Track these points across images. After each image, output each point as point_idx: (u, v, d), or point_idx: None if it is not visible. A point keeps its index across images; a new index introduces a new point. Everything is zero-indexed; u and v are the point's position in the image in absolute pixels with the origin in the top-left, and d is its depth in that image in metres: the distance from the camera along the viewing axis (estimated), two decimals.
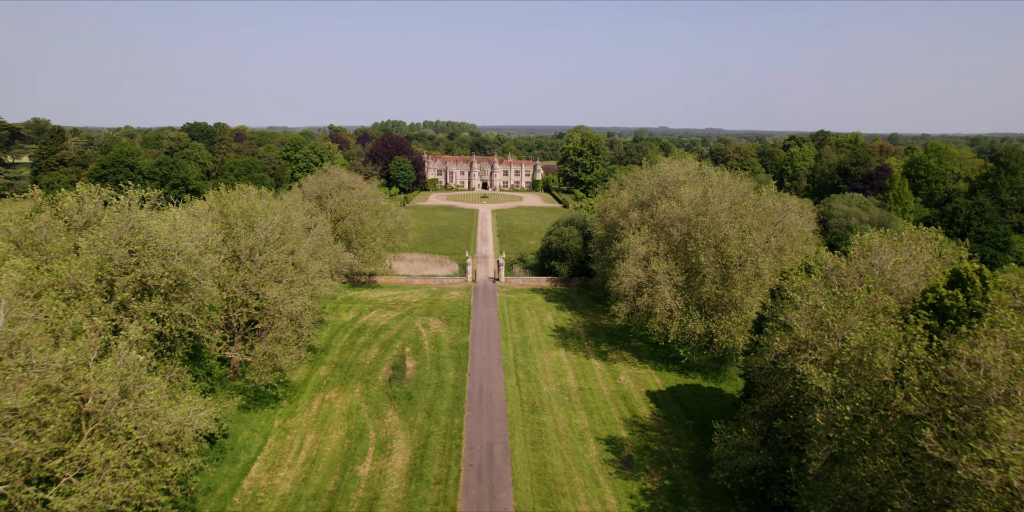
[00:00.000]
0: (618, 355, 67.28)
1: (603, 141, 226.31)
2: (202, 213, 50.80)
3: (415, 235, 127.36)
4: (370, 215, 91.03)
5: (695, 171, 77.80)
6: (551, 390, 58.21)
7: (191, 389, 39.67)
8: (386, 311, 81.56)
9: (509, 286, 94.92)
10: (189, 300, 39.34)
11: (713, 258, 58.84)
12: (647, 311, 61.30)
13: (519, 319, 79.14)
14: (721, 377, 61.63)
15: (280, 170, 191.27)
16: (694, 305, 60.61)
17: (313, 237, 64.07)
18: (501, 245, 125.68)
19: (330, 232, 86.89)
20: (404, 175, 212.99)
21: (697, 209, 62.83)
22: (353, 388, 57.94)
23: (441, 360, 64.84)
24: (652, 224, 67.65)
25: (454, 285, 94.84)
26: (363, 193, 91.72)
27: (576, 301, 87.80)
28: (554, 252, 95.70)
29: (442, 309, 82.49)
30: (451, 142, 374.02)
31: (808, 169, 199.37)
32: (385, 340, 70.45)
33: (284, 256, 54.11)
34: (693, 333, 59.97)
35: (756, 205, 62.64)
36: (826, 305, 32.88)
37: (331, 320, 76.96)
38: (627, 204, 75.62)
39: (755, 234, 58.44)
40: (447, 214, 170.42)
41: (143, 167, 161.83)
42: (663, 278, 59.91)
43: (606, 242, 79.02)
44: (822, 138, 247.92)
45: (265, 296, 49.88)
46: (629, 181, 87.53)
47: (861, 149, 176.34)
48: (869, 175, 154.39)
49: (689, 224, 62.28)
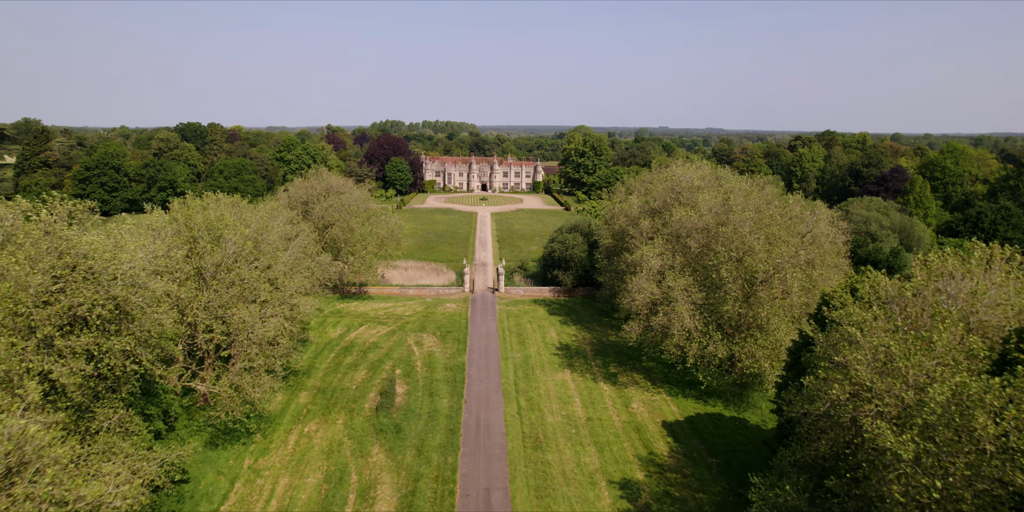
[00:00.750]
0: (629, 377, 61.35)
1: (605, 141, 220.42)
2: (162, 226, 44.90)
3: (410, 241, 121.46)
4: (360, 222, 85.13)
5: (710, 175, 71.86)
6: (556, 420, 52.28)
7: (136, 437, 33.78)
8: (376, 326, 75.62)
9: (509, 297, 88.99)
10: (133, 331, 33.40)
11: (736, 273, 52.95)
12: (662, 331, 55.39)
13: (520, 335, 73.21)
14: (744, 405, 55.70)
15: (273, 171, 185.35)
16: (714, 325, 54.69)
17: (294, 249, 58.13)
18: (501, 251, 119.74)
19: (316, 241, 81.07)
20: (401, 177, 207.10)
21: (717, 218, 56.93)
22: (336, 419, 52.00)
23: (435, 384, 58.91)
24: (666, 234, 61.71)
25: (450, 296, 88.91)
26: (353, 198, 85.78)
27: (581, 314, 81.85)
28: (557, 261, 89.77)
29: (437, 324, 76.55)
30: (450, 142, 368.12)
31: (817, 170, 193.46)
32: (374, 360, 64.51)
33: (257, 273, 48.18)
34: (714, 356, 54.06)
35: (782, 214, 56.73)
36: (896, 345, 26.96)
37: (315, 338, 71.00)
38: (637, 211, 69.68)
39: (783, 246, 52.54)
40: (445, 217, 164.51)
41: (129, 169, 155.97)
42: (680, 295, 53.99)
43: (614, 252, 73.11)
44: (829, 138, 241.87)
45: (232, 320, 43.93)
46: (638, 186, 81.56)
47: (873, 150, 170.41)
48: (883, 177, 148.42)
49: (708, 235, 56.36)
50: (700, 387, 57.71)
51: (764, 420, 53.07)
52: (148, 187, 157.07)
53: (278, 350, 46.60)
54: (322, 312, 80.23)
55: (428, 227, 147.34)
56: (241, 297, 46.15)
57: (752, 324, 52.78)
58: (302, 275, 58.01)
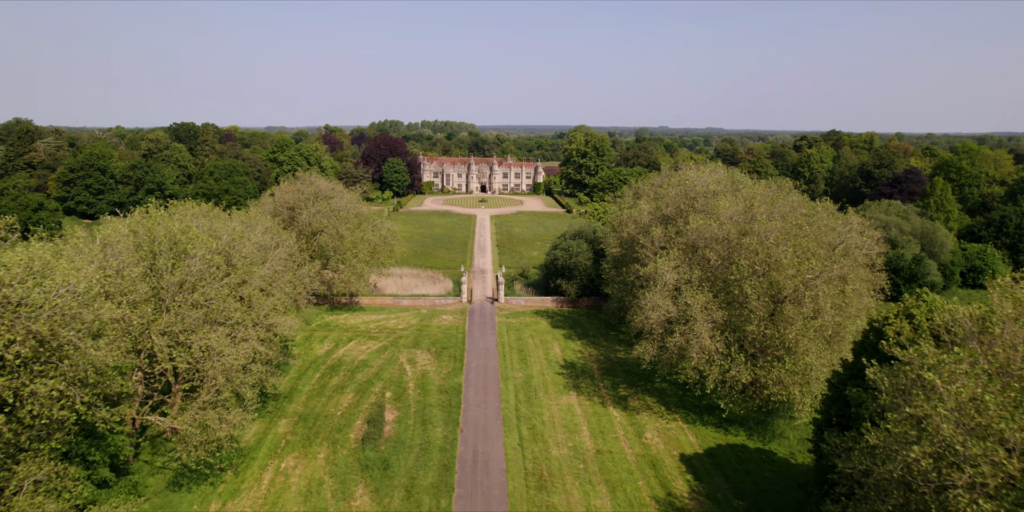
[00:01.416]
0: (641, 401, 56.10)
1: (607, 142, 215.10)
2: (116, 240, 39.58)
3: (404, 247, 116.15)
4: (350, 228, 79.84)
5: (726, 180, 66.64)
6: (562, 454, 47.01)
7: (69, 494, 28.49)
8: (367, 341, 70.32)
9: (509, 308, 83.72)
10: (65, 371, 28.13)
11: (761, 289, 47.70)
12: (679, 353, 50.12)
13: (521, 351, 67.93)
14: (769, 434, 50.41)
15: (266, 173, 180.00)
16: (736, 346, 49.43)
17: (272, 262, 52.84)
18: (500, 257, 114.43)
19: (303, 249, 75.84)
20: (398, 178, 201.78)
21: (739, 227, 51.68)
22: (317, 452, 46.72)
23: (428, 410, 53.64)
24: (681, 244, 56.45)
25: (447, 307, 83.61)
26: (342, 203, 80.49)
27: (586, 327, 76.57)
28: (560, 269, 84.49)
29: (432, 338, 71.26)
30: (449, 143, 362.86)
31: (826, 171, 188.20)
32: (362, 381, 59.24)
33: (227, 291, 42.89)
34: (736, 381, 48.79)
35: (810, 222, 51.49)
36: (991, 398, 21.73)
37: (300, 355, 65.71)
38: (648, 218, 64.43)
39: (812, 260, 47.31)
40: (442, 221, 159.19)
41: (115, 171, 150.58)
42: (699, 314, 48.72)
43: (623, 262, 67.85)
44: (836, 138, 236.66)
45: (196, 346, 38.63)
46: (647, 190, 76.31)
47: (884, 150, 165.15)
48: (896, 178, 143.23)
49: (729, 246, 51.09)
50: (720, 413, 52.48)
51: (792, 453, 47.81)
52: (135, 189, 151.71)
53: (250, 378, 41.30)
54: (309, 325, 75.00)
55: (425, 231, 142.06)
56: (208, 319, 40.85)
57: (779, 345, 47.52)
58: (282, 291, 52.76)
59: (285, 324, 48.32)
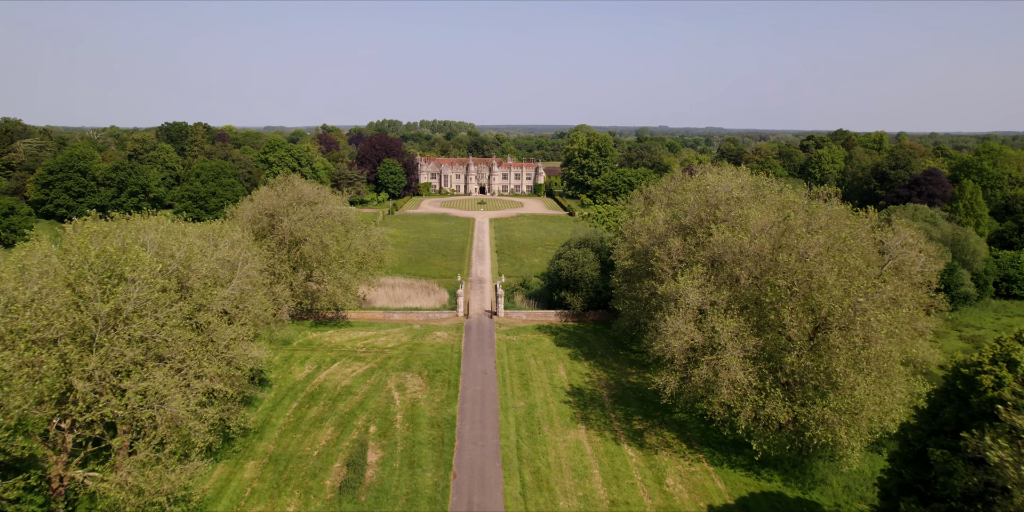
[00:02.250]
0: (658, 437, 49.55)
1: (610, 142, 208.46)
2: (34, 264, 33.03)
3: (398, 254, 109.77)
4: (337, 237, 73.25)
5: (749, 184, 60.14)
6: (572, 507, 40.45)
7: None
8: (352, 362, 63.75)
9: (509, 323, 77.14)
10: None
11: (801, 314, 41.16)
12: (705, 386, 43.54)
13: (523, 375, 61.37)
14: (809, 480, 43.84)
15: (257, 175, 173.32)
16: (771, 379, 42.86)
17: (240, 280, 46.26)
18: (500, 265, 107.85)
19: (284, 261, 69.33)
20: (394, 179, 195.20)
21: (774, 241, 45.11)
22: (287, 504, 40.17)
23: (417, 449, 47.08)
24: (704, 259, 49.88)
25: (442, 322, 77.01)
26: (327, 209, 73.89)
27: (594, 345, 69.98)
28: (565, 281, 77.92)
29: (424, 359, 64.70)
30: (447, 142, 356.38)
31: (838, 172, 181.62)
32: (344, 413, 52.69)
33: (178, 319, 36.32)
34: (772, 420, 42.21)
35: (853, 235, 44.95)
36: None
37: (278, 379, 59.16)
38: (664, 228, 57.86)
39: (862, 280, 40.77)
40: (439, 224, 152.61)
41: (96, 172, 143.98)
42: (729, 341, 42.16)
43: (635, 276, 61.30)
44: (846, 138, 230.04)
45: (133, 391, 32.03)
46: (659, 195, 69.78)
47: (900, 150, 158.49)
48: (915, 180, 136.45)
49: (762, 263, 44.52)
50: (749, 451, 45.89)
51: (838, 504, 41.23)
52: (118, 192, 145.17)
53: (202, 425, 34.69)
54: (289, 344, 68.43)
55: (421, 235, 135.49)
56: (151, 356, 34.27)
57: (822, 379, 40.96)
58: (251, 314, 46.18)
59: (250, 355, 41.70)
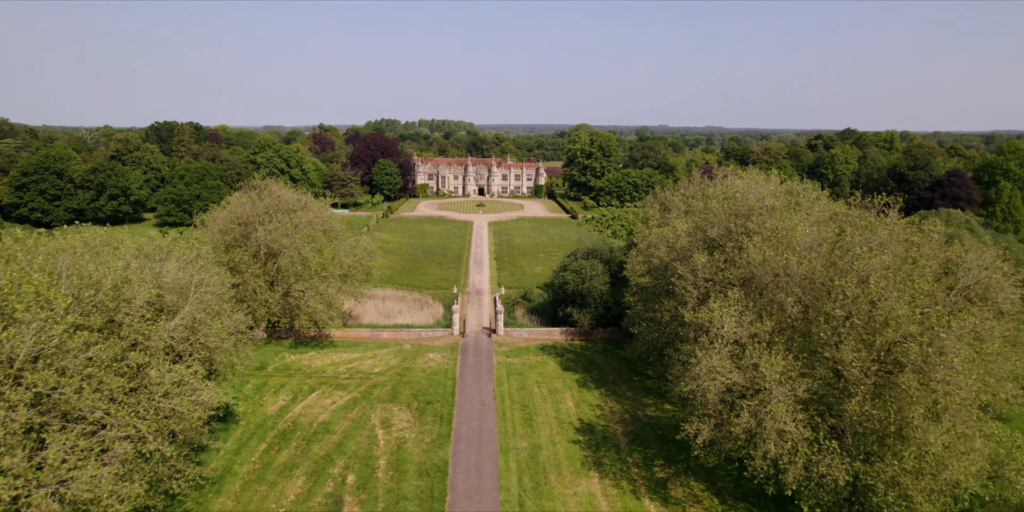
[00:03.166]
0: (685, 488, 42.28)
1: (614, 141, 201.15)
2: None
3: (391, 261, 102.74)
4: (320, 247, 65.96)
5: (782, 192, 52.95)
6: None
7: None
8: (333, 392, 56.48)
9: (510, 342, 69.86)
10: None
11: (864, 351, 33.92)
12: (747, 438, 36.28)
13: (525, 407, 54.12)
14: None
15: (246, 177, 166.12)
16: (826, 430, 35.61)
17: (192, 307, 38.96)
18: (499, 274, 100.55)
19: (258, 276, 62.15)
20: (389, 180, 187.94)
21: (826, 261, 37.85)
22: None
23: (401, 505, 39.81)
24: (738, 280, 42.60)
25: (435, 341, 69.73)
26: (308, 217, 66.59)
27: (604, 369, 62.71)
28: (571, 295, 70.65)
29: (415, 387, 57.43)
30: (446, 142, 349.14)
31: (851, 173, 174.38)
32: (319, 457, 45.39)
33: (96, 367, 29.04)
34: (828, 480, 34.91)
35: (921, 253, 37.70)
36: None
37: (247, 412, 51.87)
38: (686, 240, 50.58)
39: (939, 309, 33.55)
40: (436, 228, 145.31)
41: (74, 174, 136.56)
42: (777, 386, 34.87)
43: (653, 295, 54.04)
44: (857, 137, 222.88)
45: (13, 473, 24.74)
46: (678, 201, 62.65)
47: (919, 150, 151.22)
48: (938, 182, 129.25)
49: (813, 288, 37.25)
50: (795, 509, 38.67)
51: None
52: (97, 195, 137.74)
53: (122, 506, 27.39)
54: (264, 369, 61.15)
55: (415, 241, 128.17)
56: (54, 418, 27.00)
57: (893, 432, 33.70)
58: (205, 348, 38.91)
59: (200, 400, 34.41)
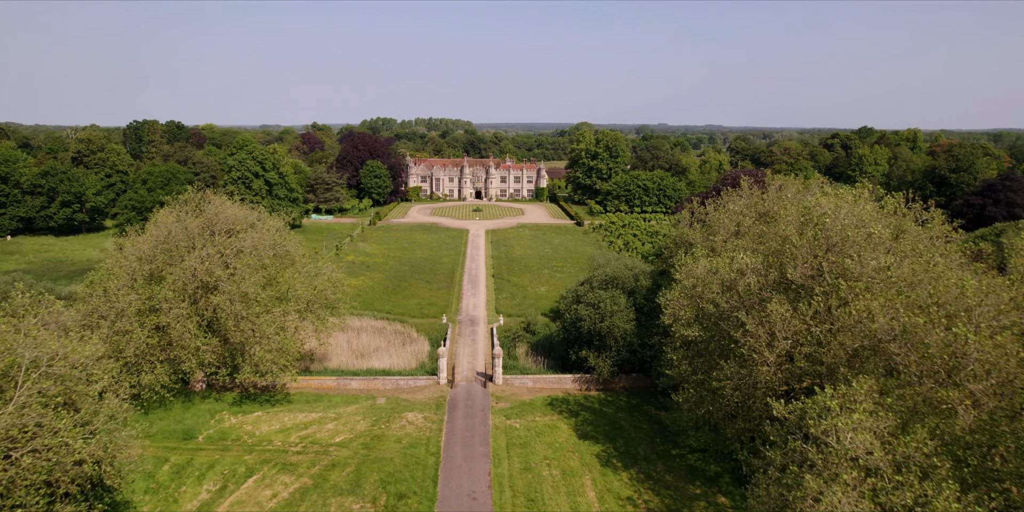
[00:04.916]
0: None
1: (621, 140, 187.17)
2: None
3: (372, 280, 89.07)
4: (264, 281, 52.04)
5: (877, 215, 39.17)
6: None
7: None
8: (278, 476, 42.57)
9: (510, 394, 56.03)
10: None
11: None
12: None
13: (532, 501, 40.20)
14: None
15: (221, 180, 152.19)
16: None
17: (28, 397, 25.06)
18: (497, 296, 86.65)
19: (189, 316, 48.37)
20: (378, 183, 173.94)
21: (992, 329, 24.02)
22: None
23: None
24: (841, 348, 28.72)
25: (417, 394, 55.84)
26: (254, 241, 52.54)
27: (632, 437, 48.78)
28: (586, 335, 56.82)
29: (385, 469, 43.52)
30: (442, 141, 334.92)
31: (881, 175, 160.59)
32: None
33: None
34: None
35: None
36: None
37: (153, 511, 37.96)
38: (756, 282, 36.62)
39: None
40: (427, 238, 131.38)
41: (22, 178, 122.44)
42: None
43: (708, 354, 40.17)
44: (880, 136, 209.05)
45: None
46: (726, 221, 48.88)
47: (961, 150, 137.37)
48: (989, 186, 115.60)
49: (1006, 383, 23.38)
50: None
51: None
52: (48, 201, 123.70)
53: None
54: (193, 438, 47.24)
55: (403, 254, 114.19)
56: None
57: None
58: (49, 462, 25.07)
59: None
